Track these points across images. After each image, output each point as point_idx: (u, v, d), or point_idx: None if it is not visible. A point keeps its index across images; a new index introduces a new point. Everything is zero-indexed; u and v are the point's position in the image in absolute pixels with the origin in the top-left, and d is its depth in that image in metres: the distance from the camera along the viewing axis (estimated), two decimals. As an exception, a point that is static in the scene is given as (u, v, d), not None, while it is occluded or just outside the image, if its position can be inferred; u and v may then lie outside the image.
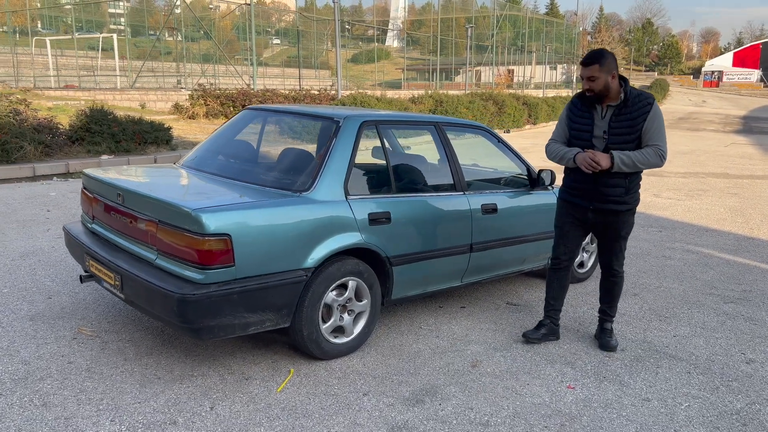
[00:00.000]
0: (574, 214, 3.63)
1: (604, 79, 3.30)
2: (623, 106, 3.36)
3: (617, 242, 3.62)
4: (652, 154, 3.34)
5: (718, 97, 57.06)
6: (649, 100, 3.37)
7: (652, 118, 3.34)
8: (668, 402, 3.09)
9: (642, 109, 3.34)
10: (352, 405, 2.93)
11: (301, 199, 3.19)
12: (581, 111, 3.50)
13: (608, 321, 3.79)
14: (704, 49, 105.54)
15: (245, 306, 2.94)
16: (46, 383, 2.98)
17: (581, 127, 3.49)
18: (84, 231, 3.69)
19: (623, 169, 3.35)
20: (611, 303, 3.78)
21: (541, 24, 49.59)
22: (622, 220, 3.53)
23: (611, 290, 3.76)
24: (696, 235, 6.99)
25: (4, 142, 8.61)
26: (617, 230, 3.56)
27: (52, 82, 24.57)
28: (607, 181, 3.42)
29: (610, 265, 3.70)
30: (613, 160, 3.33)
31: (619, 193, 3.44)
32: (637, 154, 3.34)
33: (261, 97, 17.39)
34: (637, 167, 3.37)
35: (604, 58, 3.31)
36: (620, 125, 3.36)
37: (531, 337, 3.73)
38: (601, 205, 3.50)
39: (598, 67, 3.29)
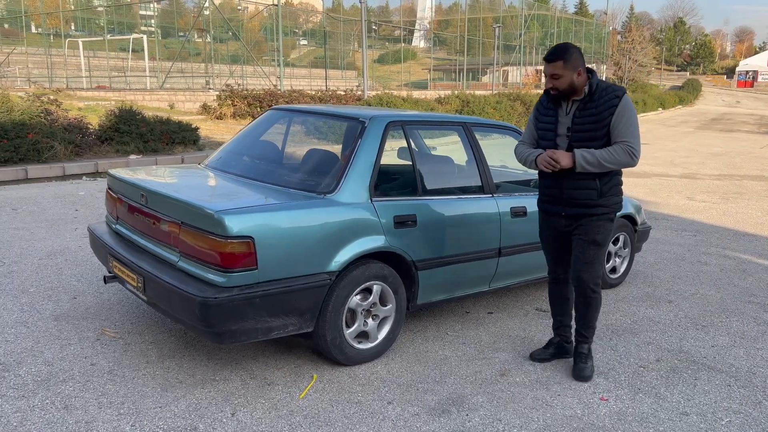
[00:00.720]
0: (549, 222, 3.33)
1: (569, 76, 3.01)
2: (588, 100, 3.05)
3: (589, 249, 3.17)
4: (620, 152, 2.99)
5: (753, 98, 55.72)
6: (618, 92, 3.03)
7: (620, 112, 2.99)
8: (708, 417, 2.95)
9: (609, 103, 3.00)
10: (376, 414, 2.85)
11: (325, 201, 3.12)
12: (546, 109, 3.21)
13: (583, 343, 3.34)
14: (738, 48, 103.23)
15: (268, 310, 2.87)
16: (68, 385, 2.96)
17: (546, 126, 3.20)
18: (108, 231, 3.67)
19: (588, 169, 3.01)
20: (586, 324, 3.30)
21: (570, 23, 49.02)
22: (597, 224, 3.15)
23: (585, 311, 3.27)
24: (732, 239, 6.75)
25: (35, 142, 8.73)
26: (590, 234, 3.16)
27: (84, 83, 25.04)
28: (575, 184, 3.11)
29: (581, 278, 3.21)
30: (575, 158, 3.01)
31: (591, 196, 3.10)
32: (603, 152, 2.99)
33: (288, 98, 17.45)
34: (604, 166, 3.01)
35: (569, 53, 3.00)
36: (584, 121, 3.05)
37: (538, 357, 3.48)
38: (571, 210, 3.17)
39: (562, 64, 2.99)
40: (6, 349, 3.31)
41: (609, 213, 3.17)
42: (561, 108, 3.15)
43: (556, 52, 3.02)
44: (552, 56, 3.02)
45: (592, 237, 3.16)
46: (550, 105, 3.20)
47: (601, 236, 3.17)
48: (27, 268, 4.63)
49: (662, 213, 8.09)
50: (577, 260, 3.22)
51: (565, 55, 3.00)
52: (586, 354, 3.33)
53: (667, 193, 9.86)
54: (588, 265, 3.19)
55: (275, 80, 23.29)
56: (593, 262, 3.19)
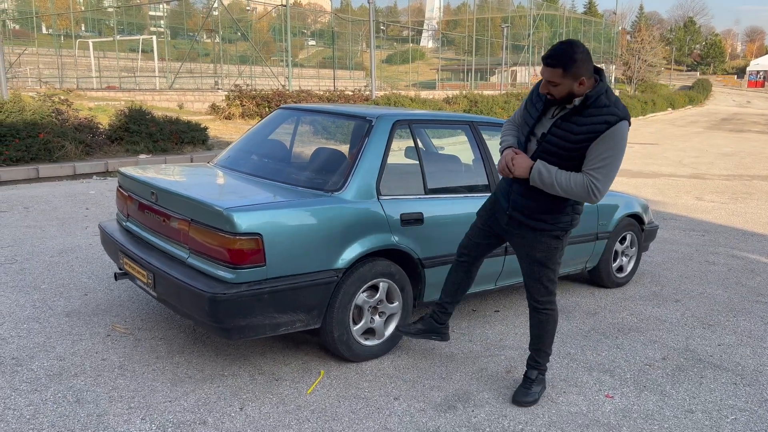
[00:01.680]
0: (492, 210, 3.01)
1: (569, 86, 2.56)
2: (576, 113, 2.61)
3: (533, 267, 2.89)
4: (579, 183, 2.59)
5: (764, 98, 55.33)
6: (610, 119, 2.54)
7: (603, 140, 2.55)
8: (713, 414, 2.96)
9: (595, 125, 2.56)
10: (382, 409, 2.88)
11: (332, 199, 3.15)
12: (538, 98, 2.77)
13: (533, 368, 3.03)
14: (749, 48, 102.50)
15: (276, 306, 2.91)
16: (79, 380, 3.01)
17: (526, 119, 2.81)
18: (119, 229, 3.72)
19: (538, 185, 2.67)
20: (538, 345, 3.01)
21: (579, 23, 48.87)
22: (537, 240, 2.83)
23: (536, 328, 3.00)
24: (741, 239, 6.73)
25: (47, 142, 8.83)
26: (530, 251, 2.87)
27: (95, 83, 25.22)
28: (523, 189, 2.78)
29: (531, 295, 2.96)
30: (532, 170, 2.67)
31: (537, 209, 2.78)
32: (563, 178, 2.62)
33: (296, 98, 17.52)
34: (555, 189, 2.64)
35: (572, 60, 2.51)
36: (561, 134, 2.64)
37: (402, 329, 3.25)
38: (514, 213, 2.85)
39: (561, 72, 2.54)
40: (19, 344, 3.36)
41: (553, 230, 2.83)
42: (549, 110, 2.74)
43: (557, 57, 2.54)
44: (551, 60, 2.56)
45: (534, 254, 2.87)
46: (543, 98, 2.75)
47: (542, 255, 2.86)
48: (39, 266, 4.69)
49: (670, 213, 8.08)
50: (525, 275, 2.97)
51: (567, 62, 2.52)
52: (533, 380, 3.02)
53: (675, 193, 9.83)
54: (535, 281, 2.93)
55: (283, 80, 23.37)
56: (539, 280, 2.91)
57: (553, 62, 2.55)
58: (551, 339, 3.04)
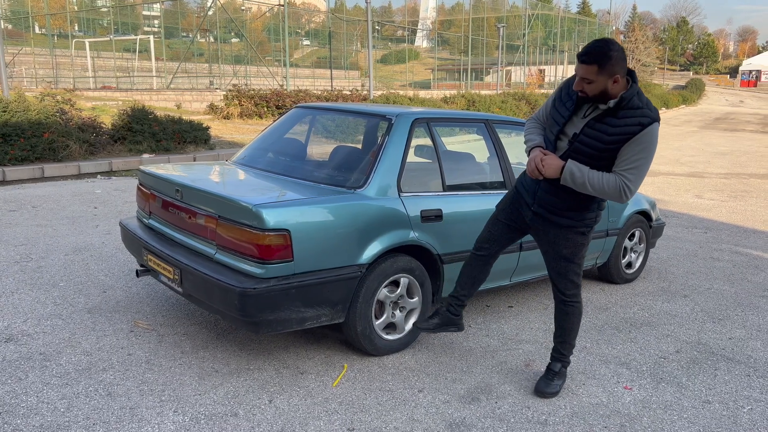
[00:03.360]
0: (516, 205, 3.03)
1: (603, 84, 2.58)
2: (610, 114, 2.64)
3: (559, 263, 2.95)
4: (612, 183, 2.63)
5: (757, 97, 55.69)
6: (644, 120, 2.58)
7: (636, 141, 2.59)
8: (730, 405, 3.03)
9: (629, 127, 2.59)
10: (408, 401, 2.94)
11: (355, 196, 3.21)
12: (567, 97, 2.79)
13: (558, 361, 3.11)
14: (741, 47, 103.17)
15: (303, 301, 2.96)
16: (108, 374, 3.05)
17: (556, 117, 2.81)
18: (140, 226, 3.76)
19: (569, 184, 2.71)
20: (563, 337, 3.09)
21: (573, 23, 49.05)
22: (564, 237, 2.88)
23: (562, 322, 3.06)
24: (743, 236, 6.83)
25: (52, 141, 8.83)
26: (557, 247, 2.92)
27: (91, 83, 25.14)
28: (550, 188, 2.82)
29: (558, 289, 3.01)
30: (563, 170, 2.69)
31: (563, 206, 2.83)
32: (595, 178, 2.65)
33: (294, 98, 17.54)
34: (587, 189, 2.68)
35: (608, 59, 2.54)
36: (594, 135, 2.66)
37: (421, 326, 3.28)
38: (540, 209, 2.90)
39: (596, 69, 2.56)
40: (45, 341, 3.40)
41: (579, 227, 2.88)
42: (581, 109, 2.76)
43: (592, 54, 2.56)
44: (587, 57, 2.57)
45: (560, 251, 2.92)
46: (574, 95, 2.76)
47: (568, 251, 2.91)
48: (55, 264, 4.73)
49: (672, 211, 8.17)
50: (550, 269, 3.02)
51: (602, 59, 2.54)
52: (555, 372, 3.09)
53: (675, 191, 9.93)
54: (561, 276, 2.99)
55: (280, 80, 23.38)
56: (566, 274, 2.97)
57: (588, 59, 2.56)
58: (576, 332, 3.10)
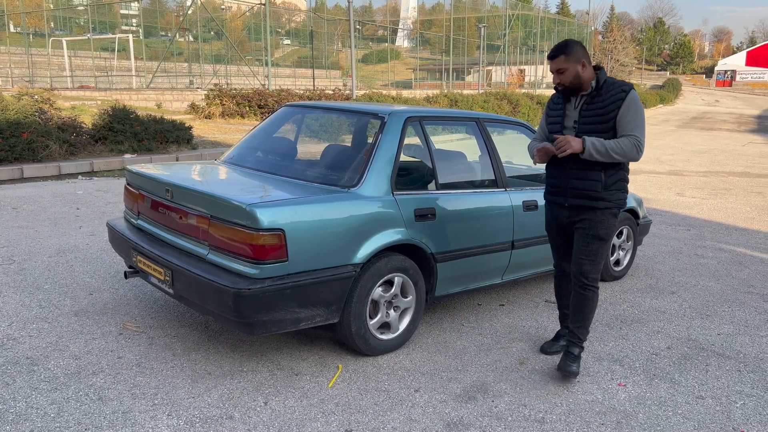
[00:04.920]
0: (554, 215, 3.35)
1: (573, 69, 3.06)
2: (596, 95, 3.10)
3: (592, 243, 3.17)
4: (627, 144, 3.02)
5: (732, 97, 56.65)
6: (625, 87, 3.07)
7: (627, 106, 3.03)
8: (722, 400, 3.06)
9: (615, 97, 3.05)
10: (404, 401, 2.92)
11: (349, 195, 3.18)
12: (556, 104, 3.27)
13: (575, 345, 3.26)
14: (716, 48, 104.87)
15: (297, 301, 2.93)
16: (99, 378, 2.99)
17: (554, 120, 3.25)
18: (128, 227, 3.69)
19: (594, 156, 3.02)
20: (581, 323, 3.24)
21: (552, 23, 49.43)
22: (599, 219, 3.16)
23: (581, 306, 3.23)
24: (725, 233, 6.93)
25: (31, 141, 8.67)
26: (593, 228, 3.16)
27: (69, 83, 24.75)
28: (581, 174, 3.14)
29: (582, 272, 3.19)
30: (584, 144, 3.02)
31: (595, 187, 3.13)
32: (612, 143, 3.02)
33: (276, 97, 17.43)
34: (611, 156, 3.03)
35: (570, 47, 3.07)
36: (591, 113, 3.10)
37: (549, 350, 3.52)
38: (575, 201, 3.19)
39: (564, 58, 3.05)
40: (31, 344, 3.32)
41: (612, 208, 3.16)
42: (570, 103, 3.20)
43: (557, 48, 3.09)
44: (554, 52, 3.09)
45: (595, 231, 3.16)
46: (560, 101, 3.26)
47: (604, 231, 3.16)
48: (38, 266, 4.63)
49: (655, 208, 8.26)
50: (580, 252, 3.20)
51: (566, 49, 3.06)
52: (575, 355, 3.23)
53: (657, 189, 10.05)
54: (589, 258, 3.18)
55: (261, 80, 23.22)
56: (595, 256, 3.19)
57: (554, 53, 3.10)
58: (592, 316, 3.28)
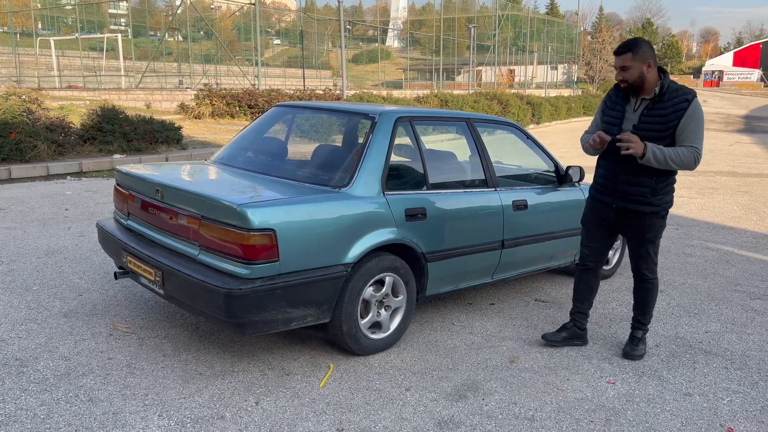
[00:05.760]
0: (598, 212, 3.47)
1: (638, 68, 3.09)
2: (658, 100, 3.13)
3: (643, 246, 3.38)
4: (686, 154, 3.09)
5: (719, 97, 57.07)
6: (688, 96, 3.09)
7: (689, 116, 3.07)
8: (710, 397, 3.10)
9: (678, 106, 3.08)
10: (395, 400, 2.93)
11: (340, 195, 3.19)
12: (614, 103, 3.30)
13: (639, 329, 3.57)
14: (704, 48, 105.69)
15: (288, 301, 2.93)
16: (89, 379, 2.98)
17: (611, 120, 3.29)
18: (118, 227, 3.68)
19: (652, 163, 3.10)
20: (643, 310, 3.55)
21: (541, 24, 49.58)
22: (648, 223, 3.30)
23: (642, 297, 3.53)
24: (713, 232, 6.99)
25: (19, 141, 8.61)
26: (642, 233, 3.34)
27: (56, 83, 24.56)
28: (632, 179, 3.23)
29: (639, 270, 3.47)
30: (646, 150, 3.07)
31: (644, 192, 3.23)
32: (671, 151, 3.08)
33: (266, 97, 17.37)
34: (669, 165, 3.10)
35: (638, 46, 3.09)
36: (651, 120, 3.14)
37: (550, 339, 3.61)
38: (623, 204, 3.31)
39: (631, 56, 3.08)
40: (20, 346, 3.31)
41: (659, 212, 3.30)
42: (629, 104, 3.24)
43: (625, 45, 3.13)
44: (621, 48, 3.14)
45: (645, 235, 3.34)
46: (618, 99, 3.28)
47: (652, 234, 3.35)
48: (27, 267, 4.60)
49: (644, 208, 8.31)
50: (634, 253, 3.45)
51: (634, 47, 3.09)
52: (639, 338, 3.55)
53: (645, 189, 10.10)
54: (643, 258, 3.43)
55: (251, 80, 23.15)
56: (648, 256, 3.42)
57: (622, 50, 3.12)
58: (654, 303, 3.57)
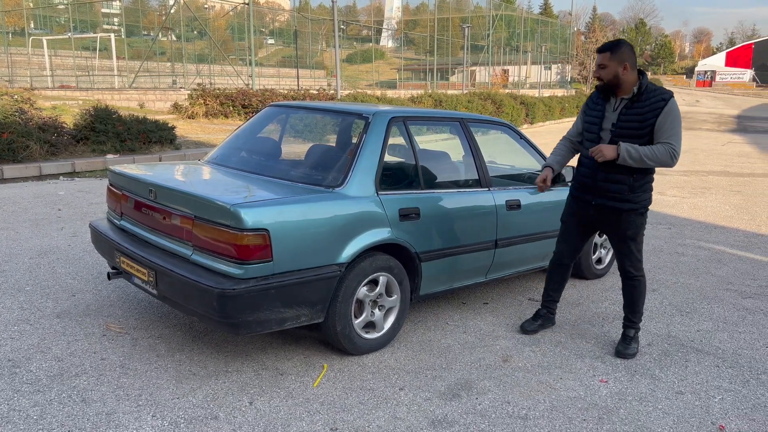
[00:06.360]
0: (577, 210, 3.57)
1: (614, 68, 3.21)
2: (636, 100, 3.23)
3: (624, 243, 3.46)
4: (662, 152, 3.17)
5: (712, 97, 57.38)
6: (665, 96, 3.20)
7: (665, 114, 3.17)
8: (701, 395, 3.12)
9: (655, 104, 3.19)
10: (389, 399, 2.94)
11: (334, 195, 3.20)
12: (595, 103, 3.42)
13: (631, 328, 3.62)
14: (696, 49, 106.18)
15: (282, 301, 2.94)
16: (82, 379, 2.97)
17: (592, 119, 3.40)
18: (111, 228, 3.67)
19: (628, 162, 3.19)
20: (633, 308, 3.60)
21: (535, 24, 49.67)
22: (626, 220, 3.37)
23: (630, 295, 3.59)
24: (705, 232, 7.03)
25: (11, 141, 8.57)
26: (621, 230, 3.42)
27: (49, 82, 24.44)
28: (610, 177, 3.31)
29: (624, 268, 3.54)
30: (618, 150, 3.19)
31: (622, 190, 3.31)
32: (646, 149, 3.17)
33: (260, 97, 17.34)
34: (645, 163, 3.19)
35: (618, 47, 3.21)
36: (629, 119, 3.24)
37: (528, 328, 3.79)
38: (602, 201, 3.39)
39: (609, 56, 3.21)
40: (13, 347, 3.29)
41: (638, 209, 3.37)
42: (609, 104, 3.35)
43: (607, 44, 3.27)
44: (601, 47, 3.28)
45: (626, 233, 3.41)
46: (599, 100, 3.40)
47: (632, 231, 3.41)
48: (19, 267, 4.58)
49: (636, 207, 8.35)
50: (617, 252, 3.53)
51: (613, 47, 3.22)
52: (631, 337, 3.59)
53: (638, 188, 10.15)
54: (626, 256, 3.49)
55: (244, 79, 23.10)
56: (631, 253, 3.48)
57: (602, 48, 3.26)
58: (643, 301, 3.60)
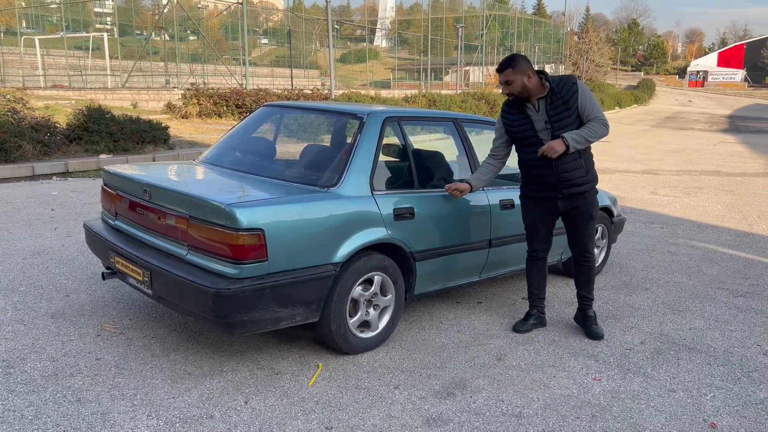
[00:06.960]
0: (542, 209, 3.72)
1: (520, 80, 3.44)
2: (552, 95, 3.48)
3: (590, 223, 3.72)
4: (597, 126, 3.49)
5: (704, 97, 57.70)
6: (572, 80, 3.50)
7: (582, 94, 3.47)
8: (693, 393, 3.15)
9: (570, 90, 3.47)
10: (384, 398, 2.95)
11: (329, 195, 3.21)
12: (514, 115, 3.60)
13: (590, 307, 3.87)
14: (689, 49, 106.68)
15: (277, 300, 2.94)
16: (76, 379, 2.97)
17: (522, 129, 3.58)
18: (106, 228, 3.67)
19: (577, 147, 3.47)
20: (589, 287, 3.85)
21: (529, 24, 49.83)
22: (590, 201, 3.67)
23: (588, 274, 3.82)
24: (697, 231, 7.08)
25: (3, 141, 8.53)
26: (588, 211, 3.68)
27: (41, 82, 24.33)
28: (567, 167, 3.53)
29: (585, 249, 3.77)
30: (566, 142, 3.44)
31: (580, 173, 3.57)
32: (584, 130, 3.48)
33: (254, 97, 17.33)
34: (588, 141, 3.50)
35: (515, 61, 3.45)
36: (558, 110, 3.48)
37: (521, 329, 3.85)
38: (568, 190, 3.60)
39: (511, 71, 3.43)
40: (7, 347, 3.29)
41: (594, 186, 3.69)
42: (529, 109, 3.54)
43: (504, 62, 3.48)
44: (501, 66, 3.48)
45: (589, 212, 3.69)
46: (514, 110, 3.60)
47: (594, 209, 3.71)
48: (13, 268, 4.57)
49: (629, 207, 8.41)
50: (580, 236, 3.74)
51: (512, 62, 3.45)
52: (593, 316, 3.86)
53: (631, 188, 10.22)
54: (589, 236, 3.76)
55: (238, 79, 23.06)
56: (592, 233, 3.77)
57: (502, 67, 3.47)
58: (594, 279, 3.87)
